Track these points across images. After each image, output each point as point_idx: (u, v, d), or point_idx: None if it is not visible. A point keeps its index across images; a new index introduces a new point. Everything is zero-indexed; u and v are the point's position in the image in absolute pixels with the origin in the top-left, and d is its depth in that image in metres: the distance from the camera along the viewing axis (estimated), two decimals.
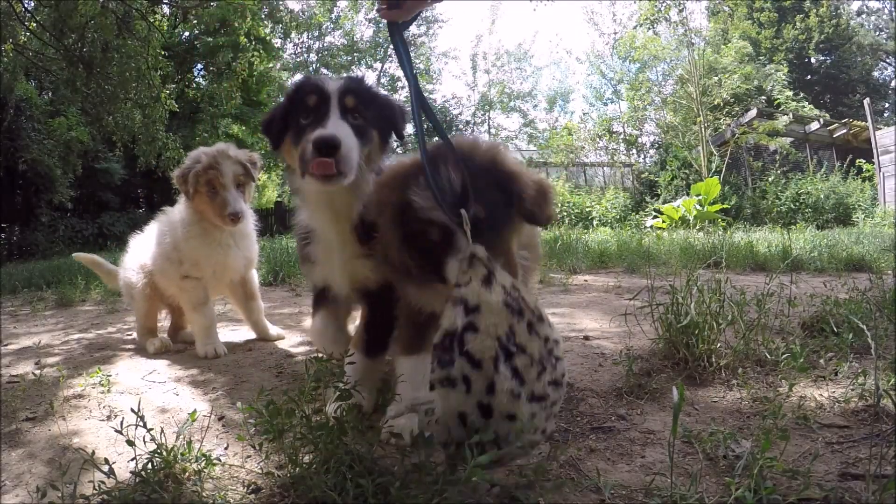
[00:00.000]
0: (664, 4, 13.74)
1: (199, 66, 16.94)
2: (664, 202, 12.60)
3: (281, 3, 16.37)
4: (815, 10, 22.40)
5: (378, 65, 24.05)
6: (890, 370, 1.50)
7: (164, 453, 1.14)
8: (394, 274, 1.33)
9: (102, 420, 1.62)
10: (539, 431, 1.06)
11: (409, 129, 1.44)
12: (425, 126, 1.27)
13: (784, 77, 15.47)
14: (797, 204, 12.16)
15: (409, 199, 1.16)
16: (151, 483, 1.07)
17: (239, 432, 1.40)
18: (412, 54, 24.49)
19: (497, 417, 1.00)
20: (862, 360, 1.72)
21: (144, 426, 1.16)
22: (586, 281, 4.06)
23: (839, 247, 4.71)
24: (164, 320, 2.77)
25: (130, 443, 1.14)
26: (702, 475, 1.10)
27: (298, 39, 21.43)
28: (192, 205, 2.29)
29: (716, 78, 13.68)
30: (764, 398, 1.47)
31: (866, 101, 13.54)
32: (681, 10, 14.00)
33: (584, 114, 24.13)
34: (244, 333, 2.76)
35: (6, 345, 2.85)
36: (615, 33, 18.46)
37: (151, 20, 9.35)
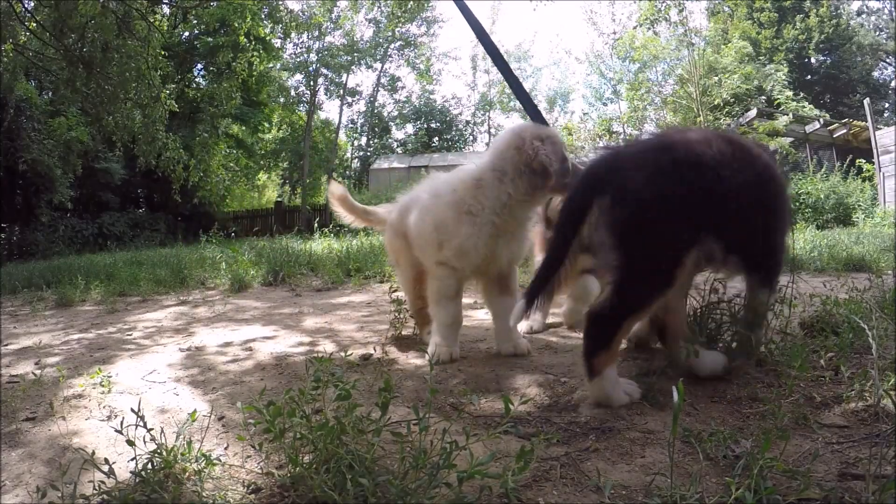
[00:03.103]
0: (664, 4, 13.72)
1: (199, 66, 16.96)
2: None
3: (281, 3, 16.37)
4: (815, 10, 22.38)
5: (378, 65, 24.04)
6: (890, 370, 1.50)
7: (164, 453, 1.14)
8: None
9: (102, 420, 1.62)
10: None
11: None
12: None
13: (784, 77, 15.45)
14: (797, 204, 12.12)
15: None
16: (151, 483, 1.07)
17: (239, 432, 1.40)
18: (412, 54, 24.18)
19: None
20: (862, 360, 1.72)
21: (144, 426, 1.16)
22: None
23: (839, 247, 4.70)
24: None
25: (130, 443, 1.14)
26: (702, 475, 1.09)
27: (298, 39, 21.40)
28: None
29: (716, 78, 13.67)
30: (764, 398, 1.47)
31: (866, 101, 13.52)
32: (681, 10, 13.99)
33: (584, 114, 24.25)
34: (244, 333, 2.76)
35: (6, 345, 2.85)
36: (614, 33, 18.46)
37: (151, 20, 9.35)
